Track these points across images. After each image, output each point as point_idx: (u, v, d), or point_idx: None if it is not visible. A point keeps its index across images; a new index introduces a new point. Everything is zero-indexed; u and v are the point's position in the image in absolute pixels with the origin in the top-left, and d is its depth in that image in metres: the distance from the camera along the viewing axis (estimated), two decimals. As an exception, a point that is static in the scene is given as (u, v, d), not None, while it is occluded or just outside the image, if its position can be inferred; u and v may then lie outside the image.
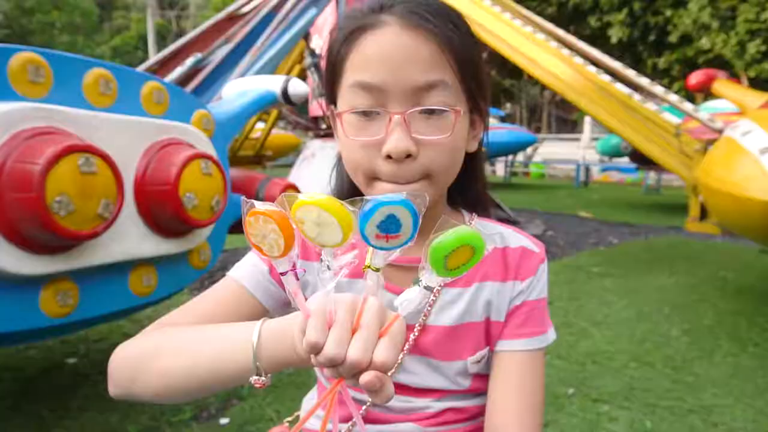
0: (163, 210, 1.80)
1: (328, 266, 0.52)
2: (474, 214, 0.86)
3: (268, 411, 2.26)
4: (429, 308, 0.77)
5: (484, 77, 0.75)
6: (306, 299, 0.53)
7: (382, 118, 0.68)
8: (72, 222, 1.46)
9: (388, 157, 0.67)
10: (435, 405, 0.79)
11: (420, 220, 0.50)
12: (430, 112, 0.67)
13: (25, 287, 1.56)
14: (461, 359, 0.77)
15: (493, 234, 0.83)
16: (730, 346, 3.05)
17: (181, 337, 0.68)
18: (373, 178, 0.70)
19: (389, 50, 0.66)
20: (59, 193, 1.43)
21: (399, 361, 0.77)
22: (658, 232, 6.82)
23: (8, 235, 1.46)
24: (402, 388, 0.78)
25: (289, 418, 0.94)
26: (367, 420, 0.79)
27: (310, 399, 0.93)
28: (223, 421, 2.20)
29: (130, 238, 1.77)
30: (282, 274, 0.53)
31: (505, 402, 0.74)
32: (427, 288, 0.52)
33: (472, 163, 0.82)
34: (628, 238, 6.38)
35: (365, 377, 0.48)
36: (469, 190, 0.86)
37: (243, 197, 0.53)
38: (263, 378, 0.59)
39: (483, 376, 0.80)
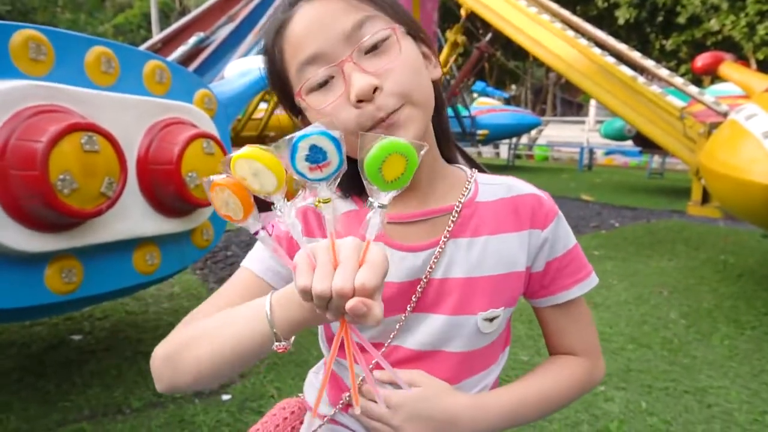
0: (165, 189, 1.82)
1: (280, 210, 0.56)
2: (475, 170, 0.86)
3: (269, 388, 2.30)
4: (435, 260, 0.76)
5: (405, 9, 0.77)
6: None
7: (338, 79, 0.70)
8: (76, 200, 1.48)
9: (359, 102, 0.68)
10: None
11: (343, 147, 0.53)
12: (374, 48, 0.70)
13: (30, 264, 1.58)
14: (472, 314, 0.77)
15: (499, 185, 0.84)
16: (727, 329, 3.07)
17: (204, 326, 0.72)
18: (354, 130, 0.70)
19: (309, 21, 0.70)
20: (63, 170, 1.44)
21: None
22: (660, 215, 6.81)
23: (13, 212, 1.48)
24: (405, 357, 0.79)
25: (300, 395, 0.96)
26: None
27: (316, 372, 0.95)
28: (225, 397, 2.24)
29: (133, 217, 1.79)
30: (255, 234, 0.58)
31: (570, 338, 0.86)
32: (381, 206, 0.55)
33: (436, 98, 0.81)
34: (629, 221, 6.37)
35: (350, 303, 0.51)
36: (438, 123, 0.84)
37: (204, 179, 0.57)
38: (284, 342, 0.64)
39: (490, 344, 0.81)
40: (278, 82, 0.76)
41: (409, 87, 0.70)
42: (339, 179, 0.55)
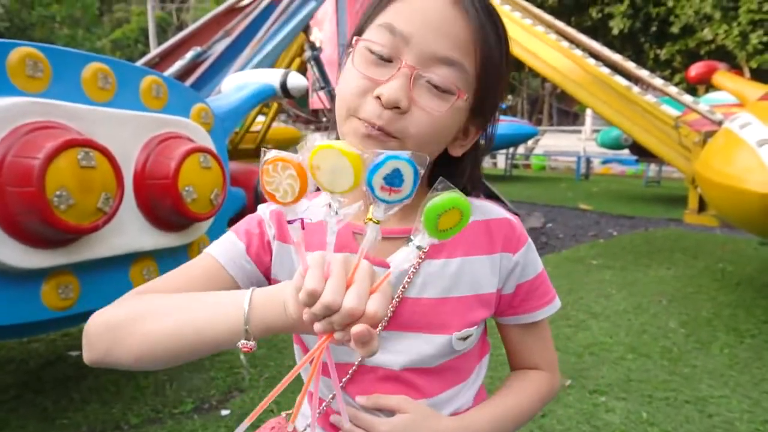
0: (162, 203, 1.82)
1: (336, 212, 0.56)
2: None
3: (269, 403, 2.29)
4: (408, 281, 0.76)
5: (499, 89, 0.76)
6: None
7: (392, 67, 0.68)
8: (72, 216, 1.48)
9: (377, 99, 0.67)
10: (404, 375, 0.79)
11: (419, 180, 0.54)
12: (437, 88, 0.69)
13: (26, 281, 1.58)
14: (447, 333, 0.77)
15: (474, 207, 0.84)
16: (727, 338, 3.06)
17: (166, 303, 0.69)
18: (352, 115, 0.70)
19: (430, 12, 0.68)
20: (59, 187, 1.44)
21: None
22: (658, 224, 6.82)
23: (9, 229, 1.47)
24: (376, 378, 0.78)
25: (288, 411, 0.95)
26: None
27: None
28: (224, 412, 2.23)
29: (130, 232, 1.79)
30: (290, 222, 0.57)
31: (534, 356, 0.89)
32: (419, 248, 0.56)
33: (457, 164, 0.82)
34: (627, 230, 6.38)
35: (357, 328, 0.51)
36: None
37: (264, 147, 0.56)
38: (251, 342, 0.62)
39: (462, 357, 0.81)
40: (371, 7, 0.74)
41: (417, 134, 0.69)
42: (397, 208, 0.56)
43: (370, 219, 0.56)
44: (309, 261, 0.55)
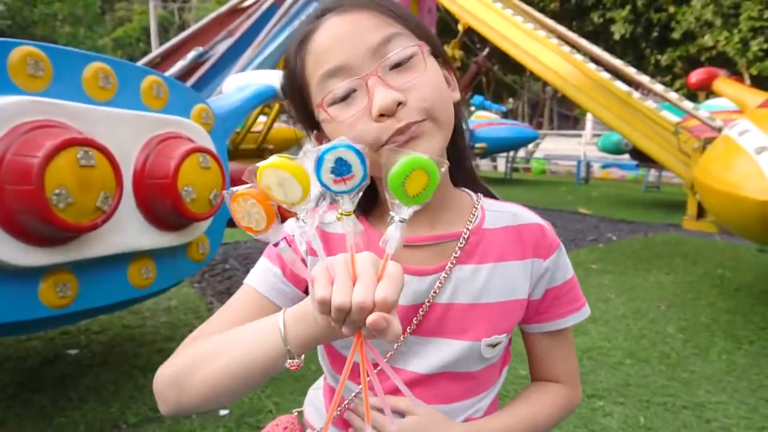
0: (161, 203, 1.82)
1: (303, 221, 0.57)
2: (480, 195, 0.86)
3: (267, 403, 2.28)
4: (439, 286, 0.76)
5: (431, 31, 0.78)
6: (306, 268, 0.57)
7: (361, 93, 0.70)
8: (71, 214, 1.48)
9: (381, 116, 0.68)
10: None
11: (367, 161, 0.54)
12: (399, 64, 0.70)
13: (24, 278, 1.58)
14: (476, 340, 0.77)
15: (505, 212, 0.84)
16: (725, 344, 3.06)
17: (212, 344, 0.71)
18: (380, 146, 0.70)
19: (336, 34, 0.70)
20: (58, 185, 1.44)
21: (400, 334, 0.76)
22: (657, 229, 6.82)
23: (8, 227, 1.47)
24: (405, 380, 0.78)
25: (299, 409, 0.95)
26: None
27: (316, 389, 0.95)
28: (223, 412, 2.22)
29: (129, 231, 1.79)
30: (275, 245, 0.58)
31: (556, 365, 0.88)
32: (402, 221, 0.56)
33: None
34: (627, 235, 6.38)
35: (371, 318, 0.51)
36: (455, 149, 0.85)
37: (225, 191, 0.57)
38: (297, 360, 0.64)
39: (489, 367, 0.81)
40: (297, 94, 0.76)
41: (432, 103, 0.70)
42: (361, 192, 0.56)
43: (342, 213, 0.56)
44: (312, 272, 0.56)
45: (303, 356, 0.65)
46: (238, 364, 0.67)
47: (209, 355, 0.69)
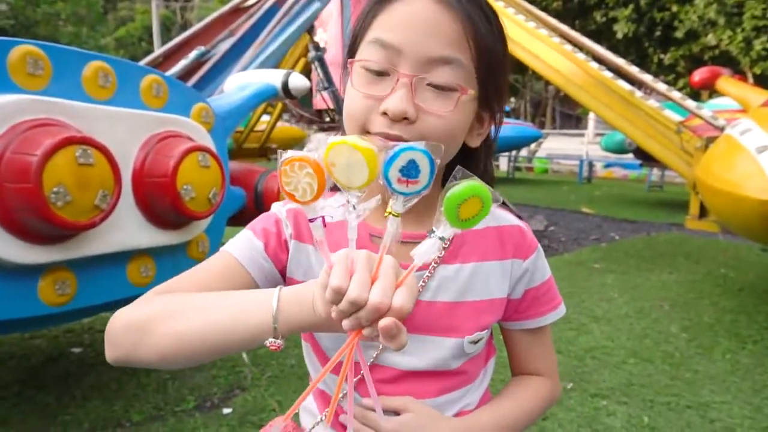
0: (160, 201, 1.81)
1: (354, 207, 0.56)
2: None
3: (270, 401, 2.28)
4: (423, 284, 0.77)
5: (501, 75, 0.76)
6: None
7: (391, 80, 0.69)
8: (69, 212, 1.47)
9: (384, 114, 0.68)
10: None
11: (436, 170, 0.54)
12: (439, 88, 0.69)
13: (23, 276, 1.57)
14: (459, 337, 0.78)
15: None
16: (729, 344, 3.04)
17: (192, 302, 0.69)
18: (365, 132, 0.71)
19: (415, 17, 0.68)
20: (56, 183, 1.44)
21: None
22: (660, 228, 6.80)
23: (7, 225, 1.47)
24: (385, 375, 0.78)
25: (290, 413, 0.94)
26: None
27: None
28: (226, 410, 2.22)
29: (128, 229, 1.78)
30: (311, 220, 0.57)
31: (536, 361, 0.90)
32: (441, 239, 0.56)
33: (472, 157, 0.82)
34: (629, 234, 6.37)
35: (385, 321, 0.51)
36: None
37: (280, 150, 0.57)
38: (279, 341, 0.62)
39: (471, 360, 0.82)
40: (357, 28, 0.75)
41: (432, 138, 0.68)
42: (416, 200, 0.55)
43: (390, 212, 0.55)
44: (333, 258, 0.55)
45: (284, 339, 0.63)
46: (216, 327, 0.65)
47: (184, 311, 0.67)
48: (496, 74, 0.74)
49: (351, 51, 0.76)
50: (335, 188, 0.58)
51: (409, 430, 0.75)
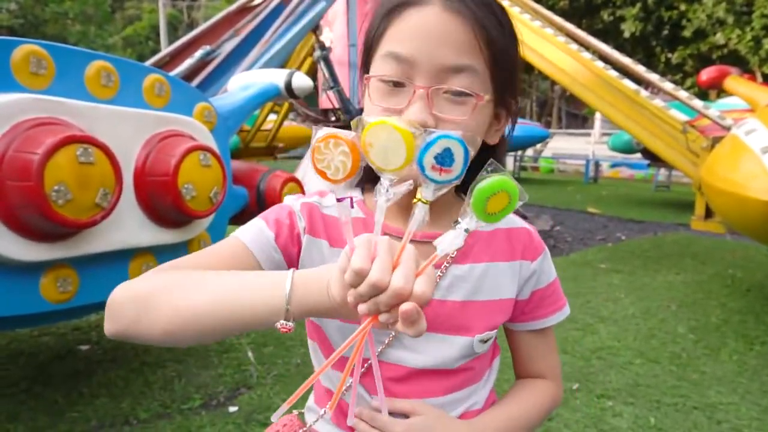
0: (162, 200, 1.81)
1: (387, 189, 0.55)
2: None
3: (276, 400, 2.28)
4: (435, 283, 0.76)
5: (516, 74, 0.77)
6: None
7: (407, 91, 0.69)
8: (70, 210, 1.48)
9: None
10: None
11: (469, 161, 0.54)
12: (455, 95, 0.69)
13: (25, 273, 1.58)
14: (469, 336, 0.79)
15: None
16: (736, 345, 3.02)
17: (201, 278, 0.67)
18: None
19: (426, 27, 0.69)
20: (58, 182, 1.44)
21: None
22: (667, 228, 6.76)
23: (9, 222, 1.48)
24: (392, 372, 0.78)
25: (300, 410, 0.94)
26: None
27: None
28: (232, 409, 2.22)
29: (129, 228, 1.79)
30: (339, 200, 0.57)
31: (540, 362, 0.91)
32: (466, 230, 0.56)
33: (490, 154, 0.82)
34: (636, 234, 6.33)
35: (406, 306, 0.50)
36: None
37: (315, 126, 0.56)
38: (290, 323, 0.61)
39: (477, 360, 0.83)
40: (368, 41, 0.76)
41: None
42: (446, 190, 0.56)
43: (419, 199, 0.55)
44: (356, 241, 0.54)
45: (294, 322, 0.62)
46: (225, 305, 0.63)
47: (192, 286, 0.66)
48: (511, 74, 0.75)
49: (365, 64, 0.77)
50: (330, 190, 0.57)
51: (418, 430, 0.75)
